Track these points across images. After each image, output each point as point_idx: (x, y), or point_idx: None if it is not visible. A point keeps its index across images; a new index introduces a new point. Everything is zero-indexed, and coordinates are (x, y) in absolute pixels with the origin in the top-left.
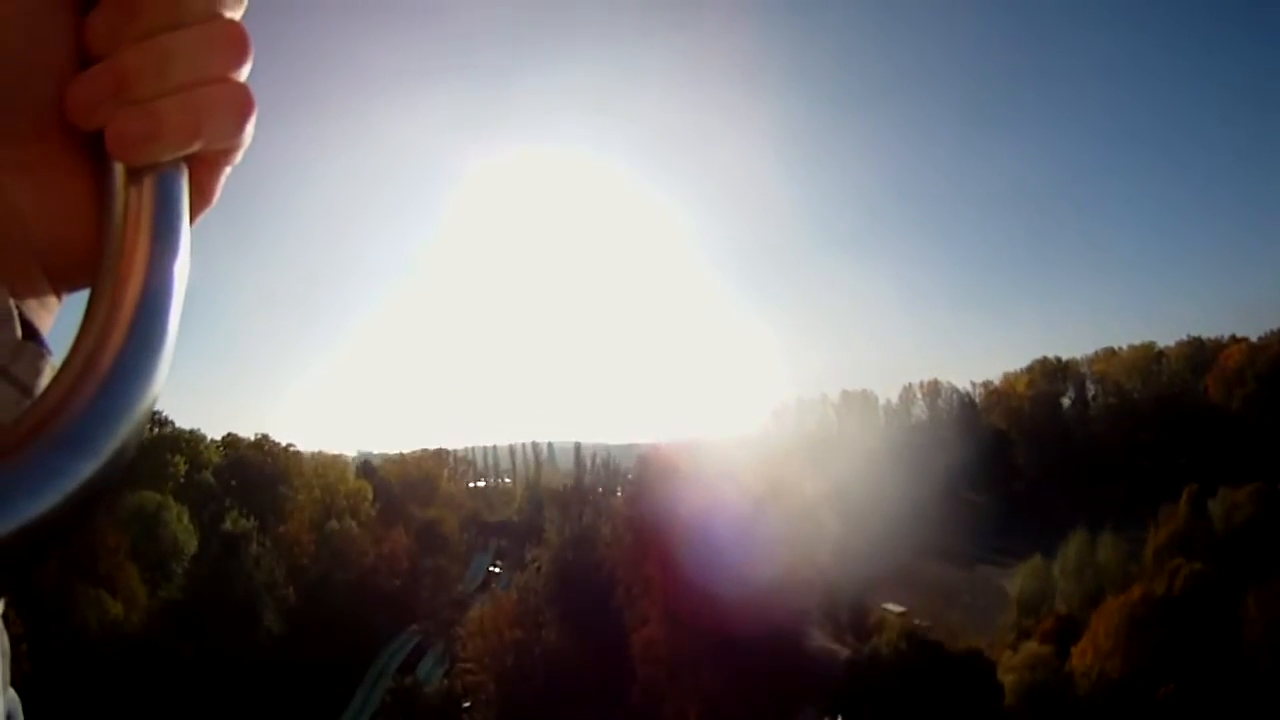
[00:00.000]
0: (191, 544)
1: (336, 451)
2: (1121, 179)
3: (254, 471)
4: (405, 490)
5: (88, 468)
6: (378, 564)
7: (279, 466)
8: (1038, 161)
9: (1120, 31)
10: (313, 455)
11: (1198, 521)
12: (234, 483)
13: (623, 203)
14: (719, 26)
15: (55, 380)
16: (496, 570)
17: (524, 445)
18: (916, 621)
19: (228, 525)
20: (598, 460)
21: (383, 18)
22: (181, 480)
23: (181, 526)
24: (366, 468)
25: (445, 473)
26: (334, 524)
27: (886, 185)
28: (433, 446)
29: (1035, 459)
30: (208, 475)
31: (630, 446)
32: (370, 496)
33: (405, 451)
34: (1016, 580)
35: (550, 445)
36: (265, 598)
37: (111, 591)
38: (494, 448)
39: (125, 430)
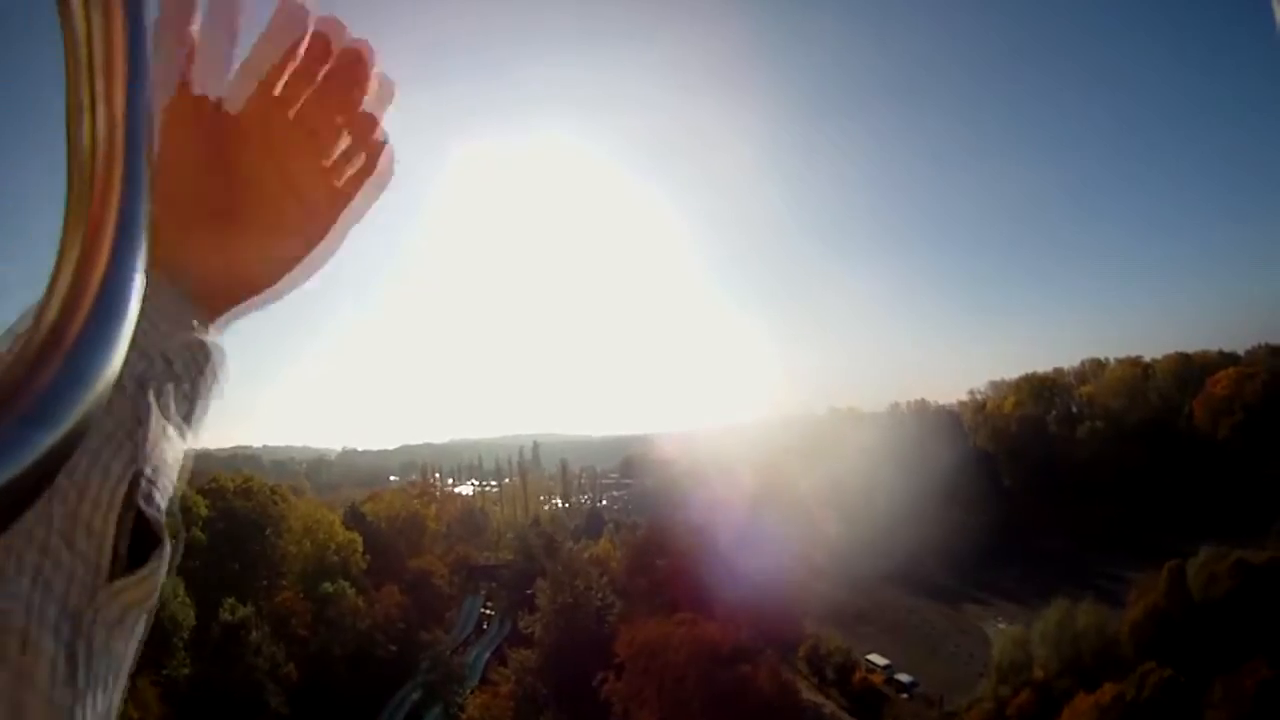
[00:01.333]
0: (189, 617)
1: (321, 447)
2: (1111, 189)
3: (242, 522)
4: (394, 534)
5: (47, 439)
6: (373, 630)
7: (266, 513)
8: (1027, 172)
9: (1111, 44)
10: (300, 500)
11: (1176, 593)
12: (222, 527)
13: (605, 202)
14: (711, 28)
15: (18, 353)
16: (488, 612)
17: (511, 454)
18: (899, 677)
19: (227, 615)
20: (584, 477)
21: (369, 13)
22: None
23: (178, 603)
24: (354, 515)
25: (433, 510)
26: (327, 585)
27: (871, 192)
28: (417, 442)
29: (1021, 482)
30: (198, 532)
31: (617, 439)
32: (360, 548)
33: (391, 448)
34: (998, 640)
35: (536, 445)
36: (269, 684)
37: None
38: (479, 448)
39: (87, 402)
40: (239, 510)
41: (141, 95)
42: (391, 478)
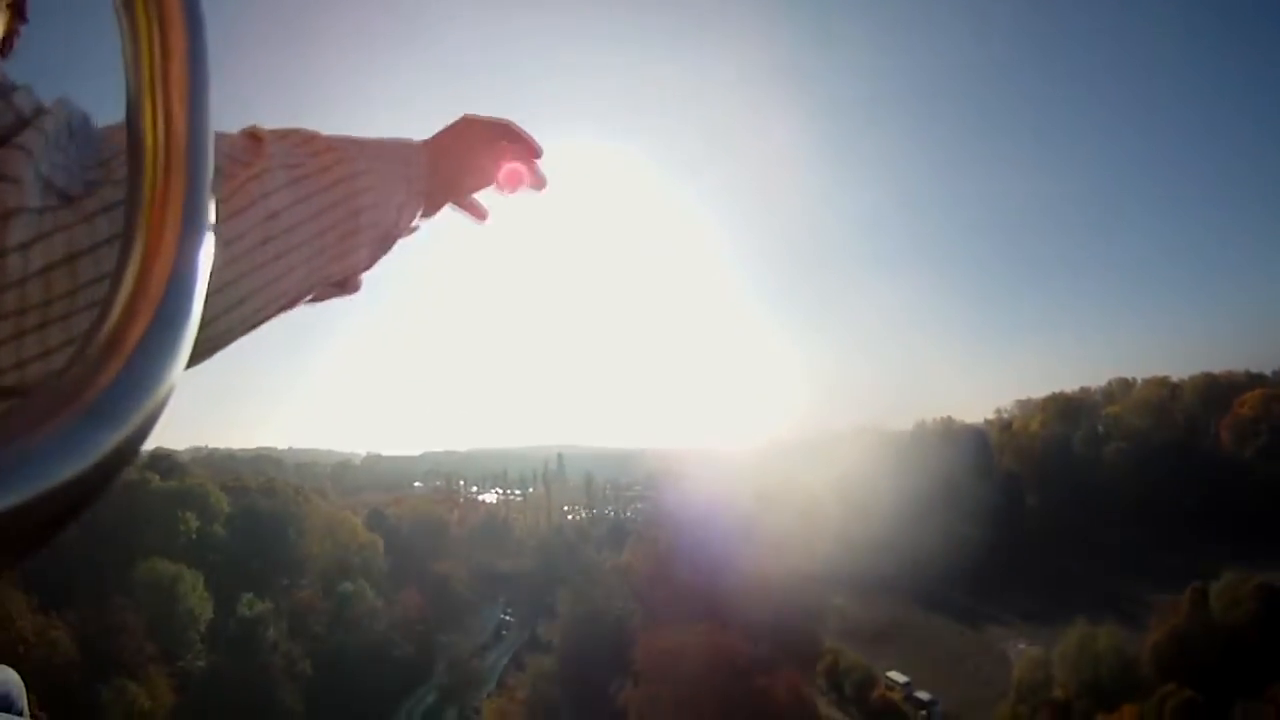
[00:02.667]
0: (207, 611)
1: (346, 451)
2: (1141, 210)
3: (264, 520)
4: (416, 538)
5: (111, 439)
6: (391, 631)
7: (289, 513)
8: (1056, 191)
9: (1140, 62)
10: (321, 500)
11: (1198, 616)
12: (243, 524)
13: (635, 218)
14: (742, 40)
15: (79, 354)
16: (508, 618)
17: (535, 465)
18: (919, 695)
19: (245, 610)
20: (608, 489)
21: (404, 14)
22: (193, 537)
23: (197, 596)
24: (376, 518)
25: (456, 515)
26: (347, 585)
27: (900, 209)
28: (441, 449)
29: (1046, 502)
30: (218, 528)
31: (641, 452)
32: (381, 550)
33: (415, 454)
34: (1019, 661)
35: (560, 456)
36: (284, 680)
37: (136, 678)
38: (503, 458)
39: (148, 405)
40: (261, 509)
41: (202, 94)
42: (416, 484)
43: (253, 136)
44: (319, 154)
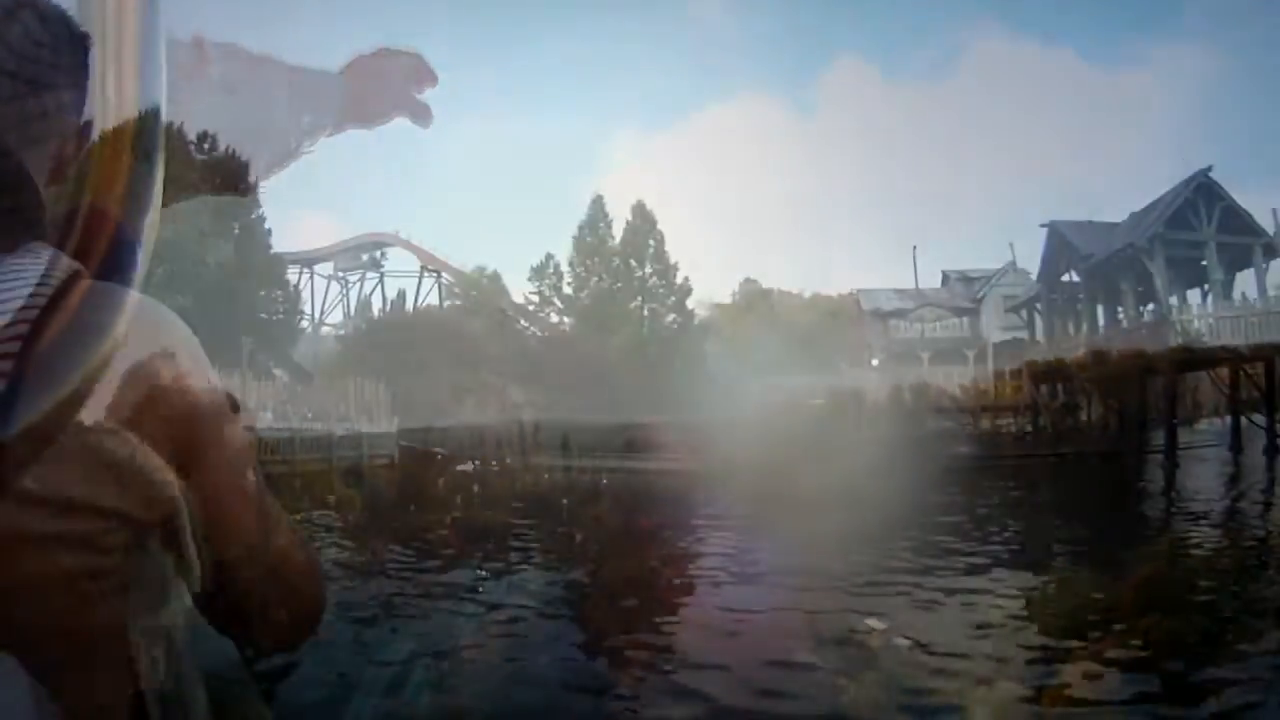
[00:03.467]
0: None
1: (323, 429)
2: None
3: None
4: (393, 493)
5: (52, 396)
6: (366, 582)
7: (266, 472)
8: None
9: (1128, 45)
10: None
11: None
12: None
13: (603, 185)
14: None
15: (21, 311)
16: (483, 575)
17: (513, 434)
18: (896, 640)
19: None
20: (582, 453)
21: None
22: None
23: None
24: (352, 474)
25: (432, 473)
26: (323, 536)
27: (865, 176)
28: (420, 424)
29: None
30: None
31: (620, 425)
32: (359, 506)
33: (393, 431)
34: (996, 610)
35: (538, 427)
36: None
37: None
38: (481, 431)
39: (84, 366)
40: None
41: (154, 58)
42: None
43: (197, 45)
44: (251, 69)
